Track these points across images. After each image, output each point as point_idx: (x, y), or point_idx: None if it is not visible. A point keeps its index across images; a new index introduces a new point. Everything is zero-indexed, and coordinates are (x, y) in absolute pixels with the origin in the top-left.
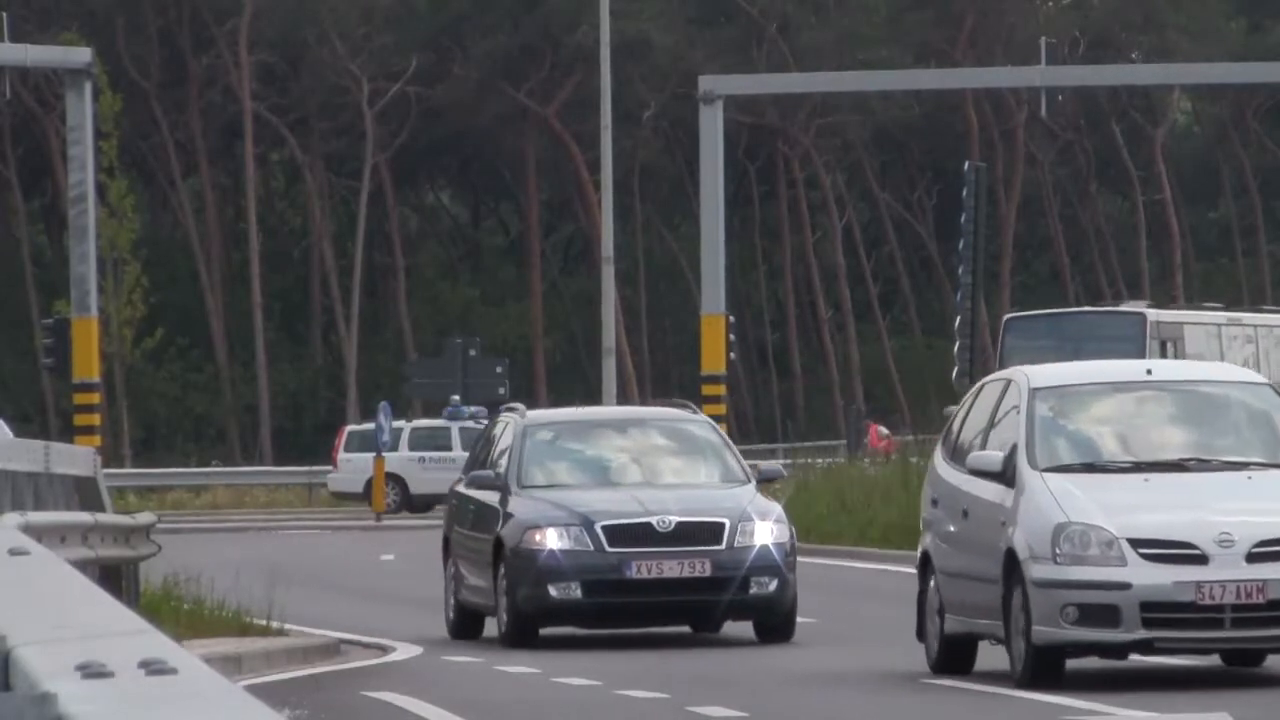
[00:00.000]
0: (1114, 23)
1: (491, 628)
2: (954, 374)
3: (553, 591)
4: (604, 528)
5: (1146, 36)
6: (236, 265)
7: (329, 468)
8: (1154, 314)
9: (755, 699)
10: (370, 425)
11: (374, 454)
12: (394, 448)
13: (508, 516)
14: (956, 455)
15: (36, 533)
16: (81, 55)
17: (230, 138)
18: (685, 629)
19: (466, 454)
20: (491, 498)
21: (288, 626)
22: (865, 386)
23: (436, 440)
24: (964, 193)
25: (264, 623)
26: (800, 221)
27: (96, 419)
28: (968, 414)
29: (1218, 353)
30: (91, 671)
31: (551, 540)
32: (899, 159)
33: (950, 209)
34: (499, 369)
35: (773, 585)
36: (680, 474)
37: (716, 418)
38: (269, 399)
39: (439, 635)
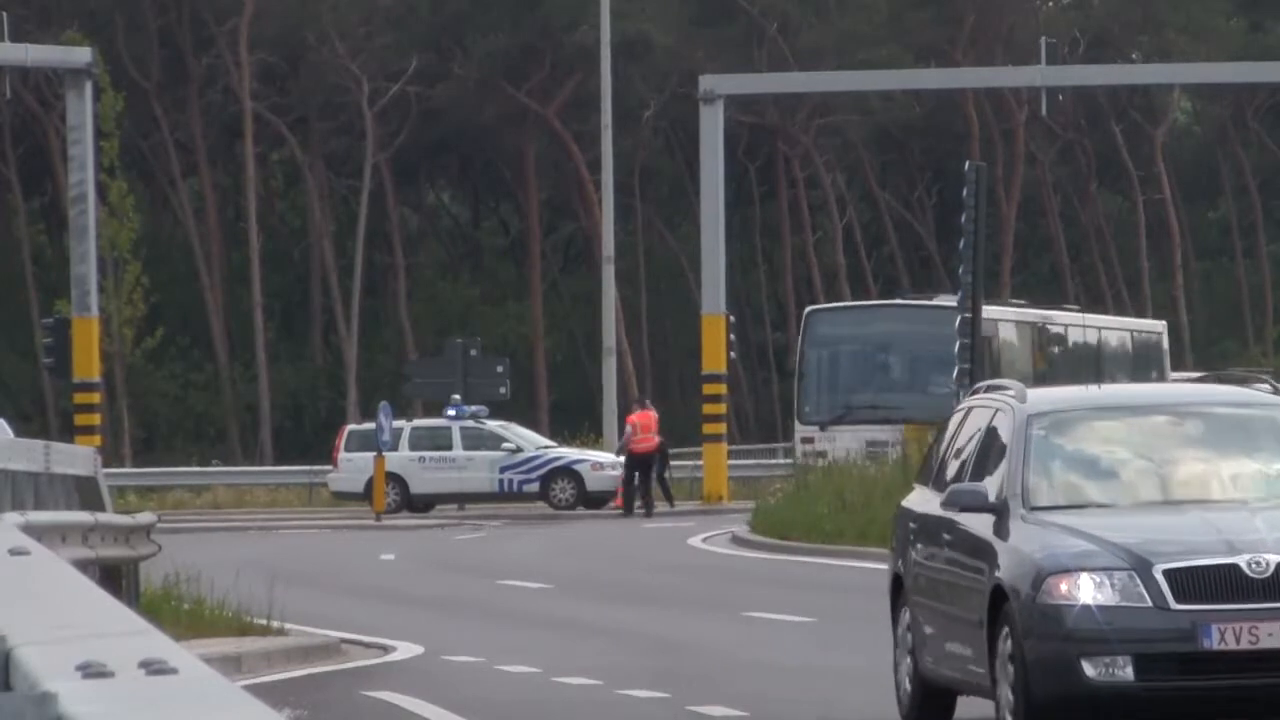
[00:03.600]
0: (1114, 23)
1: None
2: (954, 373)
3: (1089, 670)
4: (1166, 573)
5: (1146, 36)
6: (236, 265)
7: (329, 468)
8: None
9: (755, 699)
10: (371, 425)
11: (374, 454)
12: (394, 447)
13: (1011, 553)
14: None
15: (37, 532)
16: (82, 55)
17: (230, 138)
18: (684, 629)
19: (466, 454)
20: (980, 524)
21: (288, 626)
22: None
23: (437, 440)
24: (964, 193)
25: (264, 623)
26: (800, 221)
27: (97, 419)
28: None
29: (1029, 351)
30: (92, 671)
31: (1085, 592)
32: (899, 159)
33: (950, 209)
34: (499, 369)
35: None
36: (1276, 486)
37: (716, 417)
38: (269, 399)
39: (439, 635)
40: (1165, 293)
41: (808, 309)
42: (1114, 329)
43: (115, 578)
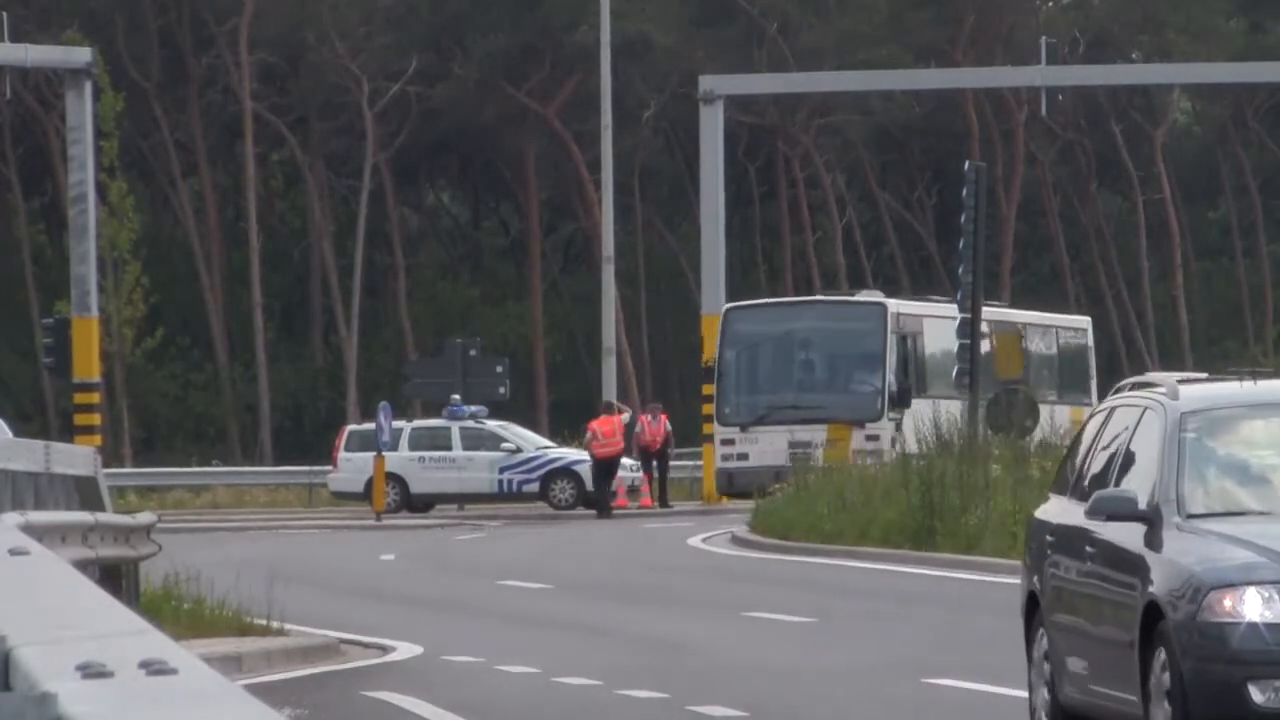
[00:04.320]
0: (1114, 23)
1: None
2: (954, 374)
3: (1256, 695)
4: None
5: (1146, 36)
6: (236, 265)
7: (329, 468)
8: (894, 304)
9: (755, 699)
10: (370, 425)
11: (374, 454)
12: (394, 448)
13: (1166, 566)
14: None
15: (37, 532)
16: (82, 55)
17: (230, 138)
18: (684, 629)
19: (466, 454)
20: (1129, 534)
21: (288, 626)
22: None
23: (437, 440)
24: (964, 193)
25: (264, 623)
26: (800, 221)
27: (97, 419)
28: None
29: (953, 343)
30: (91, 671)
31: (1251, 608)
32: (899, 159)
33: (950, 209)
34: (499, 369)
35: None
36: None
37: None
38: (269, 399)
39: (439, 635)
40: (1165, 293)
41: (725, 306)
42: (1040, 325)
43: (115, 578)
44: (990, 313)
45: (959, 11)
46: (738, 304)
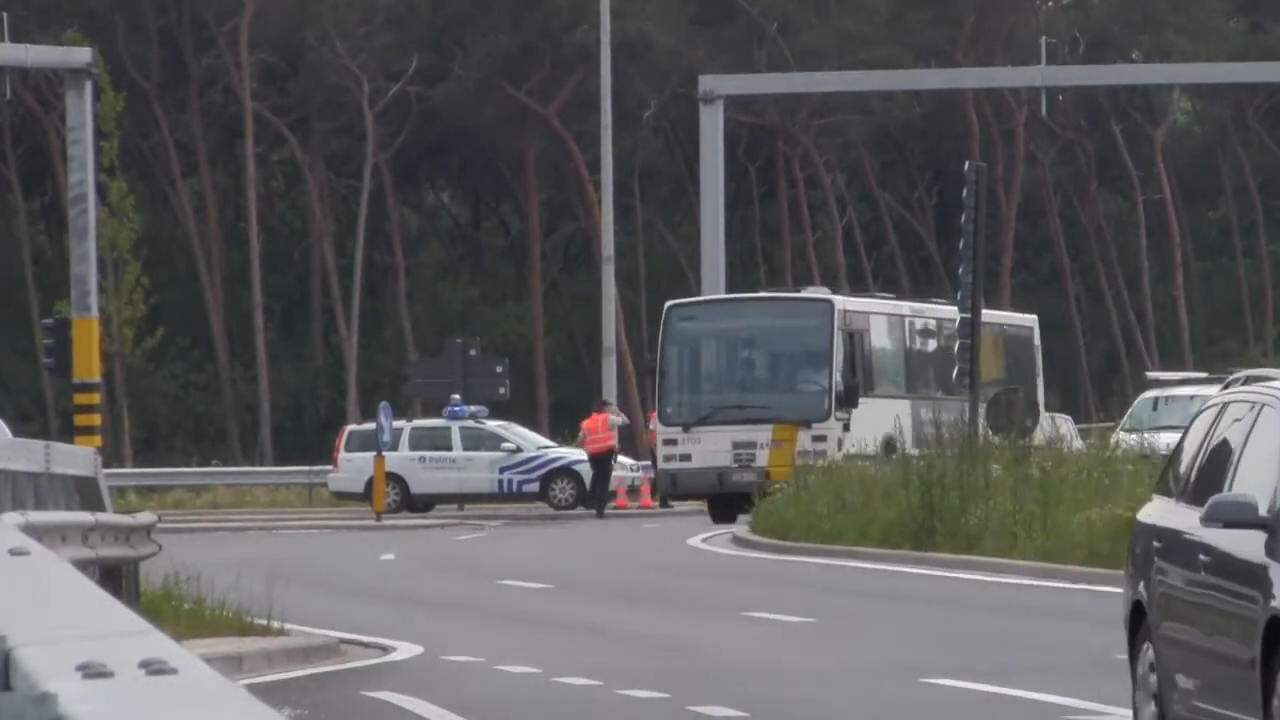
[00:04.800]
0: (1114, 23)
1: None
2: (954, 374)
3: None
4: None
5: (1146, 36)
6: (236, 265)
7: (329, 468)
8: (841, 301)
9: (755, 699)
10: (371, 425)
11: (374, 454)
12: (394, 448)
13: None
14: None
15: (37, 532)
16: (82, 55)
17: (230, 138)
18: (684, 629)
19: (466, 454)
20: (1248, 542)
21: (288, 626)
22: None
23: (437, 440)
24: (964, 193)
25: (264, 623)
26: (800, 221)
27: (97, 419)
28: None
29: (901, 343)
30: (92, 671)
31: None
32: (899, 159)
33: (950, 209)
34: (499, 369)
35: None
36: None
37: None
38: (269, 399)
39: (439, 635)
40: (1165, 293)
41: (667, 303)
42: (987, 323)
43: (115, 578)
44: (943, 311)
45: (959, 11)
46: (680, 301)
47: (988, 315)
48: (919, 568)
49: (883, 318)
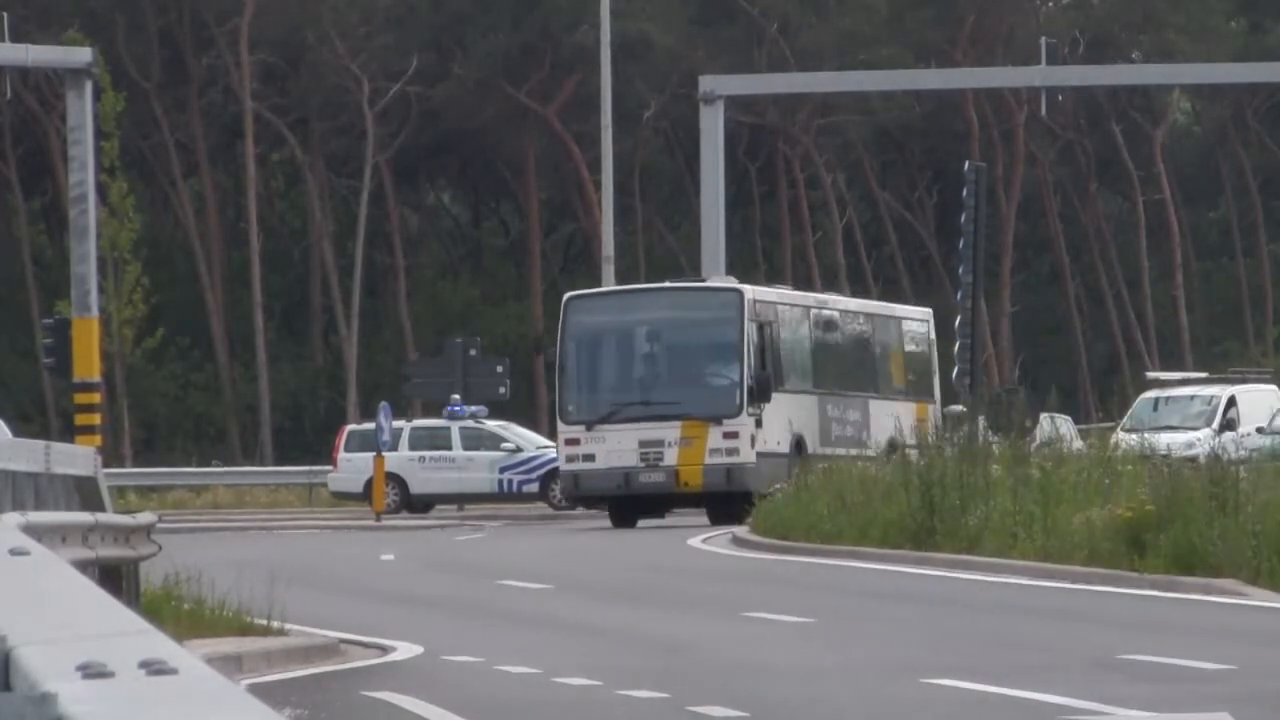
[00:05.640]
0: (1114, 23)
1: None
2: (954, 374)
3: None
4: None
5: (1146, 36)
6: (236, 265)
7: (329, 468)
8: (751, 291)
9: (755, 699)
10: (370, 425)
11: (374, 454)
12: (394, 448)
13: None
14: None
15: (37, 533)
16: (82, 55)
17: (230, 138)
18: (684, 629)
19: (466, 454)
20: None
21: (288, 626)
22: None
23: (436, 440)
24: (964, 193)
25: (264, 623)
26: (800, 221)
27: (97, 419)
28: None
29: (807, 335)
30: (92, 671)
31: None
32: (899, 159)
33: (950, 209)
34: (499, 369)
35: None
36: None
37: None
38: (269, 399)
39: (439, 635)
40: (1165, 293)
41: (566, 295)
42: (881, 316)
43: (115, 578)
44: (850, 304)
45: (959, 11)
46: (579, 292)
47: (883, 308)
48: (919, 568)
49: (791, 309)
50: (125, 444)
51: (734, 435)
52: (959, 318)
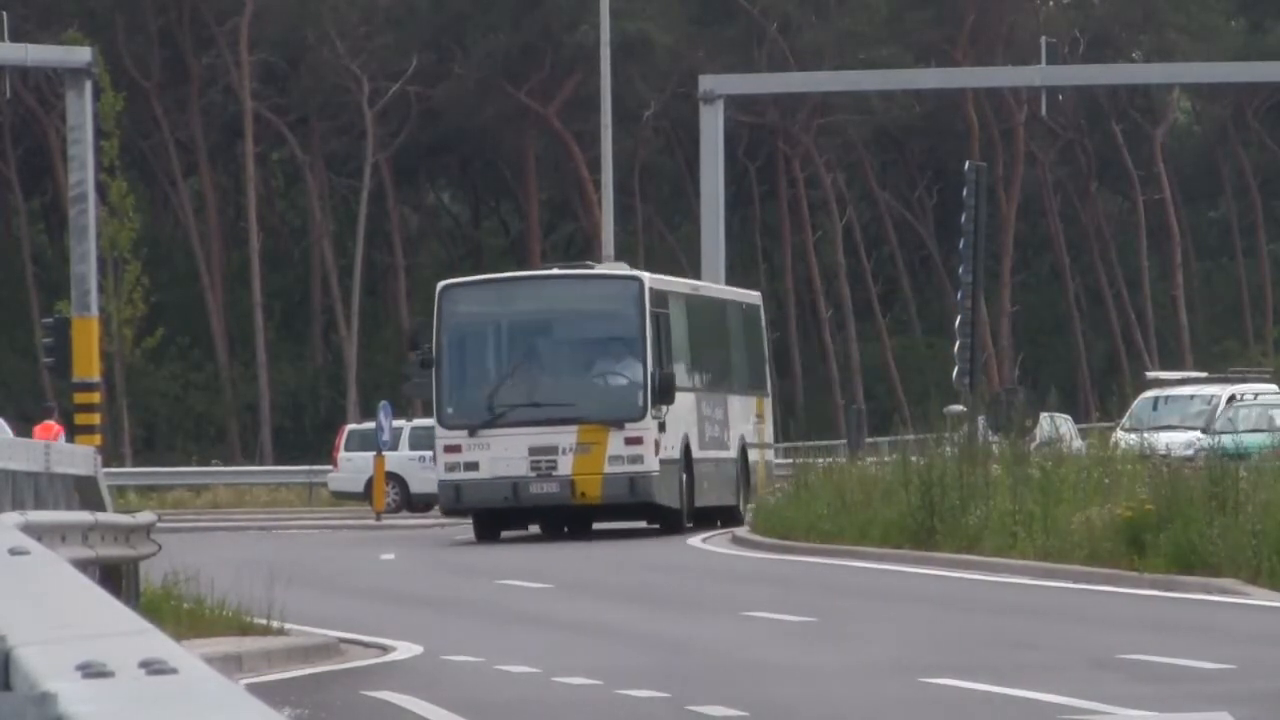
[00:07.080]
0: (1114, 22)
1: None
2: (954, 373)
3: None
4: None
5: (1146, 36)
6: (236, 265)
7: (329, 467)
8: (650, 279)
9: (755, 699)
10: (370, 425)
11: (374, 453)
12: (394, 447)
13: None
14: None
15: (36, 532)
16: (82, 55)
17: (230, 137)
18: (684, 629)
19: None
20: None
21: (288, 626)
22: (865, 386)
23: None
24: (964, 192)
25: (264, 622)
26: (800, 221)
27: (97, 418)
28: None
29: (700, 326)
30: (92, 671)
31: None
32: (899, 159)
33: (950, 209)
34: None
35: None
36: None
37: None
38: (269, 399)
39: (439, 635)
40: (1165, 293)
41: (440, 284)
42: (710, 297)
43: (115, 578)
44: (730, 294)
45: (959, 11)
46: (455, 280)
47: (711, 289)
48: (919, 567)
49: (680, 299)
50: (125, 443)
51: (637, 441)
52: (959, 318)
